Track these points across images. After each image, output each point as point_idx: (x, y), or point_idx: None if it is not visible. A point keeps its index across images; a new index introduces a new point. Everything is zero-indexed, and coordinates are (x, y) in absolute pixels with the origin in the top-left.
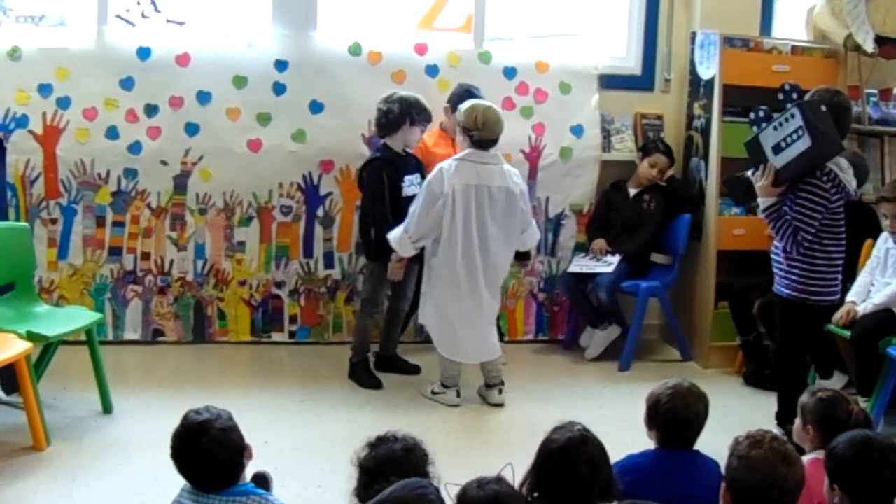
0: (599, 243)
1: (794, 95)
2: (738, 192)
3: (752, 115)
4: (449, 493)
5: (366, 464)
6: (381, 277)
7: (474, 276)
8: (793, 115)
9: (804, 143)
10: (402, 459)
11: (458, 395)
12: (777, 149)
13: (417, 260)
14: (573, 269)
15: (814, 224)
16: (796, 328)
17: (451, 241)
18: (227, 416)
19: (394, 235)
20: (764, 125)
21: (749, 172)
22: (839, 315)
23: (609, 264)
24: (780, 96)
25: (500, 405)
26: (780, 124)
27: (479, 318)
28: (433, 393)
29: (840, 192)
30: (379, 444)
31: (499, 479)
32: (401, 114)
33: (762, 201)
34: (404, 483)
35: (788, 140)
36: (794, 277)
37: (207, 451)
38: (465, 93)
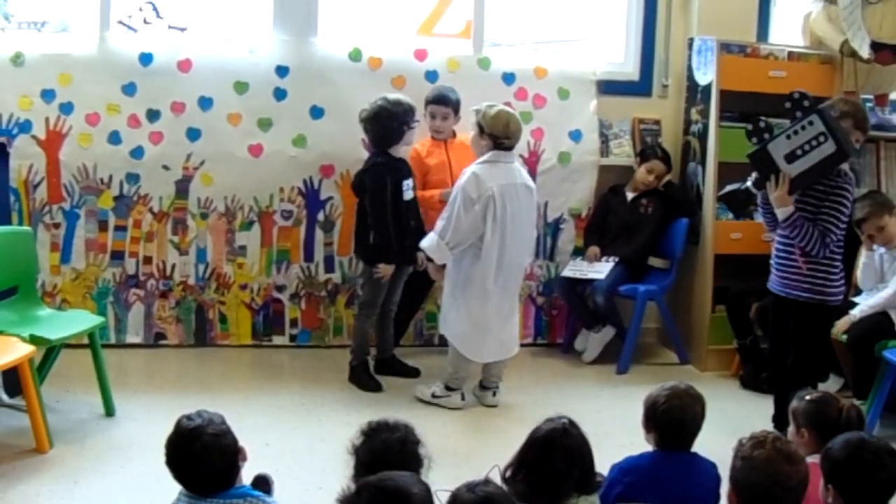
0: (593, 250)
1: (806, 103)
2: (739, 205)
3: (750, 127)
4: (440, 499)
5: (364, 457)
6: (378, 280)
7: (507, 275)
8: (811, 123)
9: (829, 148)
10: (399, 450)
11: (464, 398)
12: (792, 157)
13: (407, 262)
14: (567, 273)
15: (841, 226)
16: (818, 330)
17: (490, 242)
18: (220, 420)
19: (429, 244)
20: (768, 136)
21: (749, 183)
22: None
23: (601, 272)
24: (788, 104)
25: (493, 406)
26: (796, 132)
27: (509, 316)
28: (434, 396)
29: (854, 193)
30: (374, 435)
31: (487, 482)
32: (387, 129)
33: (781, 212)
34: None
35: (807, 147)
36: (817, 280)
37: (201, 457)
38: (440, 95)
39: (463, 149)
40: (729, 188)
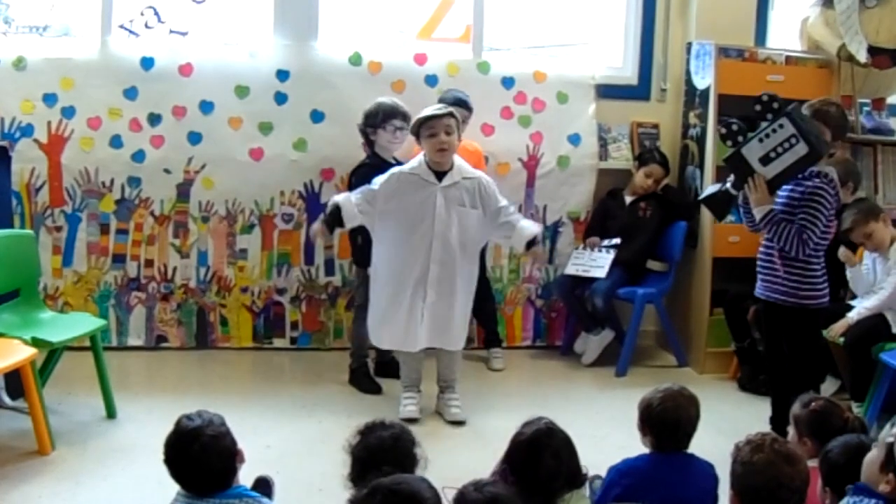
0: (593, 240)
1: (776, 105)
2: (720, 207)
3: (723, 131)
4: (446, 497)
5: (359, 454)
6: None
7: None
8: (781, 126)
9: (802, 149)
10: (392, 447)
11: None
12: (766, 160)
13: None
14: (570, 269)
15: (820, 227)
16: (804, 333)
17: None
18: (219, 422)
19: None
20: (742, 139)
21: (728, 185)
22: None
23: (602, 266)
24: (758, 107)
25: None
26: (767, 135)
27: None
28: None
29: (838, 196)
30: (368, 433)
31: (494, 482)
32: (364, 127)
33: (758, 211)
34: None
35: (779, 150)
36: (793, 284)
37: (200, 457)
38: (456, 100)
39: (465, 152)
40: (708, 191)
